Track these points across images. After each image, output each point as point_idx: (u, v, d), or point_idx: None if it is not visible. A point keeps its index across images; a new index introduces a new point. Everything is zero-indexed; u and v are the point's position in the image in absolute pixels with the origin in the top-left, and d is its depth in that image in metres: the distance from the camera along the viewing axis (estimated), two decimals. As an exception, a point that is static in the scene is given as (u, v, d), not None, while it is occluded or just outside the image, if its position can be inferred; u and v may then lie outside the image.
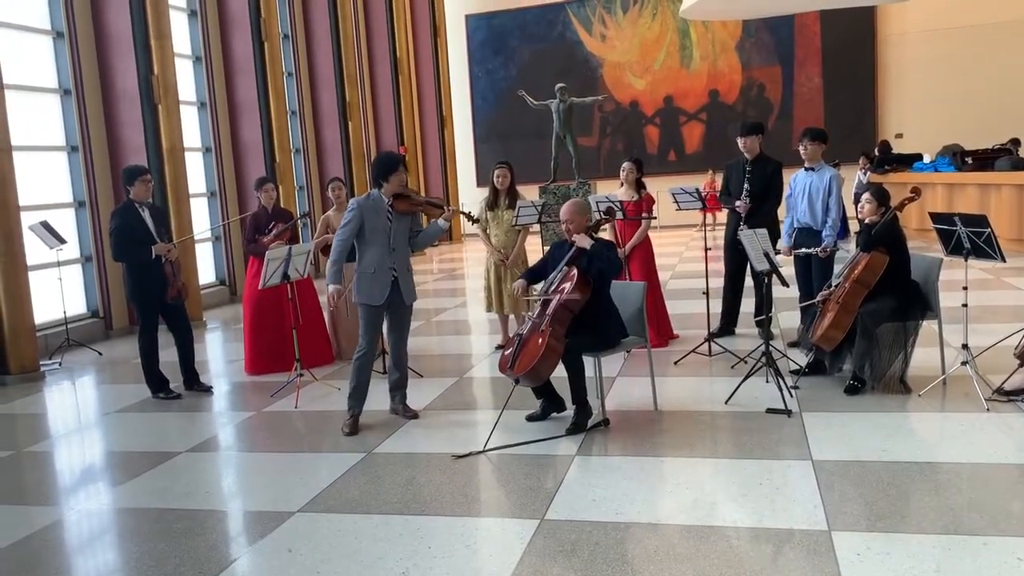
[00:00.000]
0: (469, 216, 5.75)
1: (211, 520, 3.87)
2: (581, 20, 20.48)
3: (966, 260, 5.00)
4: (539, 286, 4.96)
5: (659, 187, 9.28)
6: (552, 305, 4.63)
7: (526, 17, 20.73)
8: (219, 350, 8.37)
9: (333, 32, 14.84)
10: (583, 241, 4.75)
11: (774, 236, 6.02)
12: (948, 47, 18.15)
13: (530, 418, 4.95)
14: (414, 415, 5.21)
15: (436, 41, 19.49)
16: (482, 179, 20.15)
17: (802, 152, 6.21)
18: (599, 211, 6.17)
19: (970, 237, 4.87)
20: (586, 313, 4.67)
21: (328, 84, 14.78)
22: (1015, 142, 13.88)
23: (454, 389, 5.95)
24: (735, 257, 6.74)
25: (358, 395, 5.10)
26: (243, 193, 11.94)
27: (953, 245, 5.02)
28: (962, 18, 18.02)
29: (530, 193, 9.90)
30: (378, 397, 5.41)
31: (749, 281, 6.78)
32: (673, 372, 5.99)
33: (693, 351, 6.33)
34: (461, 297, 11.00)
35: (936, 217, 5.16)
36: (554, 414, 4.96)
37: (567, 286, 4.62)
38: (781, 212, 6.57)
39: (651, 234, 6.99)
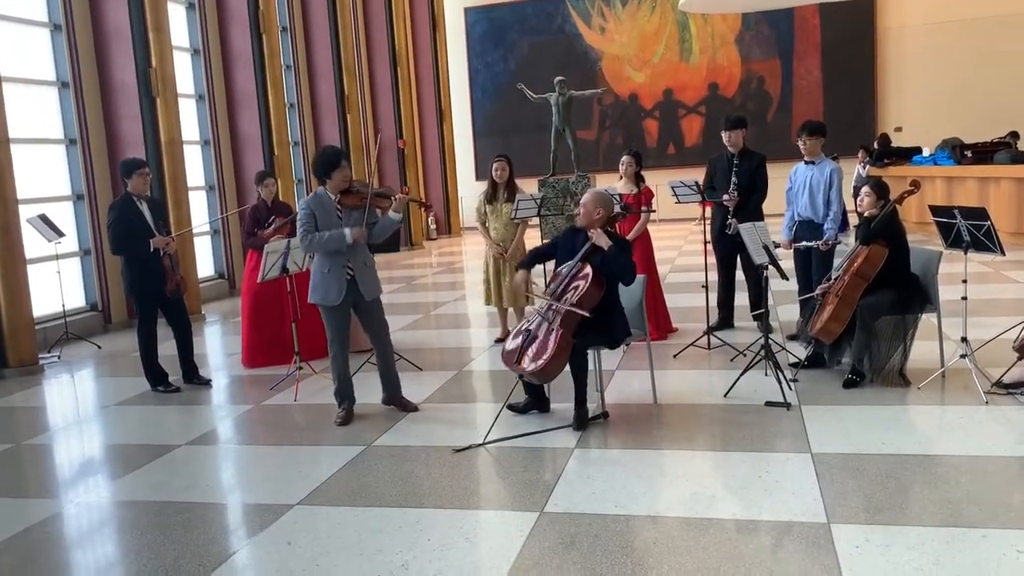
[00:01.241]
0: (422, 204, 5.79)
1: (210, 513, 3.87)
2: (580, 13, 20.44)
3: (965, 253, 5.00)
4: (542, 284, 4.90)
5: (658, 180, 9.26)
6: (565, 304, 4.54)
7: (525, 10, 20.68)
8: (218, 343, 8.36)
9: (332, 25, 14.81)
10: (600, 239, 4.62)
11: None
12: (947, 40, 18.13)
13: (511, 407, 4.95)
14: (413, 408, 5.22)
15: (435, 34, 19.44)
16: (481, 172, 20.12)
17: (801, 147, 6.19)
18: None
19: (970, 230, 4.86)
20: (596, 312, 4.60)
21: (327, 77, 14.75)
22: (1014, 135, 13.89)
23: (453, 382, 5.95)
24: (724, 250, 6.75)
25: (343, 393, 5.13)
26: (242, 186, 11.91)
27: (953, 238, 5.02)
28: (961, 11, 18.00)
29: (529, 186, 9.88)
30: (377, 390, 5.40)
31: (741, 274, 6.79)
32: (672, 365, 5.99)
33: (692, 344, 6.33)
34: (460, 290, 10.99)
35: (936, 210, 5.16)
36: (534, 411, 4.95)
37: (581, 284, 4.55)
38: (767, 206, 6.58)
39: (650, 227, 6.98)
